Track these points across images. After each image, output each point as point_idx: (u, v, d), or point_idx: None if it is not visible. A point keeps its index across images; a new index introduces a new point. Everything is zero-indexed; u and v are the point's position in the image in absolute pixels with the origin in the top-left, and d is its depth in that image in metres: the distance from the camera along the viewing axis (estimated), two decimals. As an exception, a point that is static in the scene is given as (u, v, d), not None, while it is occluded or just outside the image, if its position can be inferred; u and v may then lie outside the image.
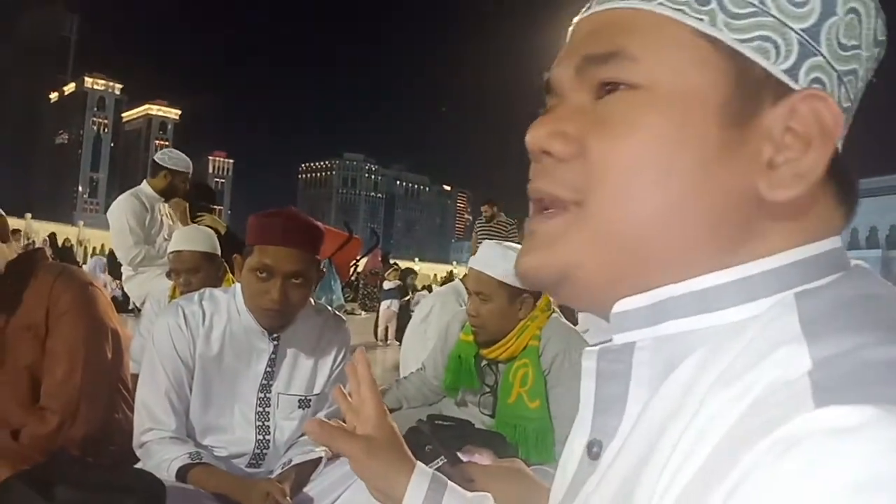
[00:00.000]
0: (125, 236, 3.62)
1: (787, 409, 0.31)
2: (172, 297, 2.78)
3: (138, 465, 1.66)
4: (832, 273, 0.42)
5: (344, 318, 1.99)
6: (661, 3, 0.43)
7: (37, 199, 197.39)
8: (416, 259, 63.87)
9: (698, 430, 0.36)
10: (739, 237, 0.43)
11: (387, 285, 11.04)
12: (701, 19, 0.42)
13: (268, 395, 1.77)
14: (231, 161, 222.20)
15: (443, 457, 1.62)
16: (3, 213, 1.74)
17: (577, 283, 0.46)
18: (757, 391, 0.34)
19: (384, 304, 10.55)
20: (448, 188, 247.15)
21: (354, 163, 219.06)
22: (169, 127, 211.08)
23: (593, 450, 0.46)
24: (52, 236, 19.21)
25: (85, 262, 15.66)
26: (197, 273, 2.67)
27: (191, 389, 1.72)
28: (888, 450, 0.27)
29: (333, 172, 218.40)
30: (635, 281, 0.44)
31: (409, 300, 10.62)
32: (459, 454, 1.29)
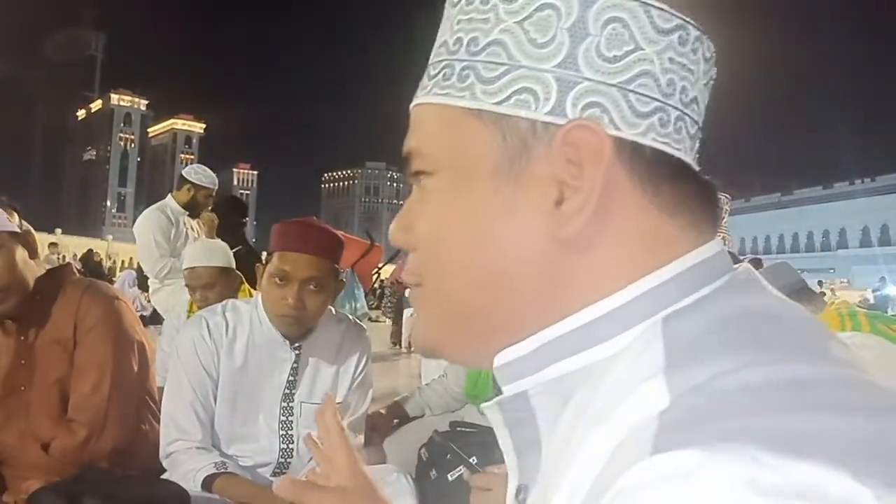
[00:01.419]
0: (151, 250, 3.68)
1: (629, 458, 0.31)
2: (190, 311, 2.81)
3: (165, 476, 1.69)
4: (704, 286, 0.41)
5: (366, 326, 2.01)
6: (435, 94, 0.46)
7: (66, 214, 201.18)
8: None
9: (574, 478, 0.36)
10: (568, 281, 0.43)
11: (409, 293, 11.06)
12: (463, 96, 0.44)
13: (291, 404, 1.79)
14: (255, 173, 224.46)
15: (462, 465, 1.62)
16: (32, 230, 1.78)
17: (448, 350, 0.50)
18: (622, 433, 0.34)
19: (407, 312, 10.56)
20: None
21: (376, 171, 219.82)
22: (194, 141, 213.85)
23: (520, 496, 0.46)
24: (90, 252, 19.55)
25: (113, 276, 15.90)
26: (213, 288, 2.68)
27: (215, 400, 1.75)
28: (707, 500, 0.27)
29: (356, 181, 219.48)
30: (501, 338, 0.45)
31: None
32: (495, 468, 1.27)
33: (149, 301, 4.90)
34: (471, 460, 1.64)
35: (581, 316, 0.42)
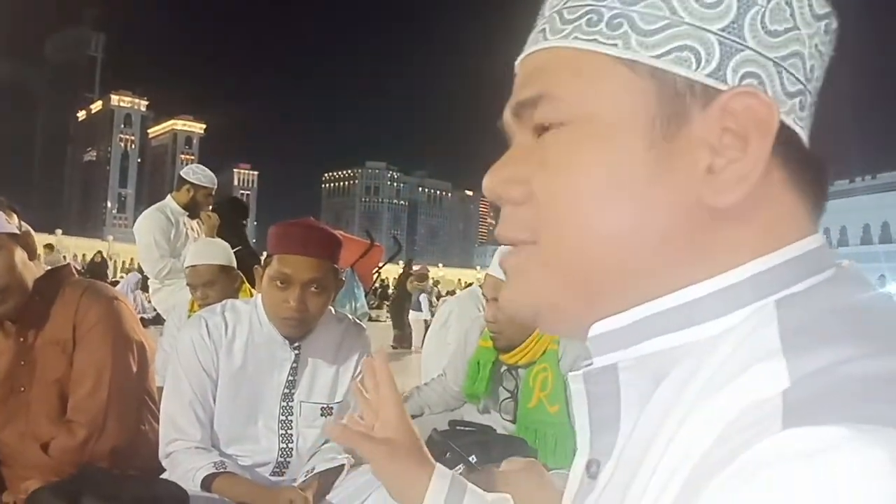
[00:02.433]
0: (151, 250, 3.69)
1: (755, 432, 0.30)
2: (191, 311, 2.82)
3: (164, 476, 1.69)
4: (814, 275, 0.41)
5: (366, 325, 2.02)
6: (576, 38, 0.44)
7: (66, 215, 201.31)
8: (440, 265, 63.92)
9: (677, 454, 0.36)
10: (702, 249, 0.42)
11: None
12: (615, 44, 0.42)
13: (290, 403, 1.79)
14: (255, 173, 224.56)
15: (462, 464, 1.62)
16: (32, 231, 1.79)
17: (549, 315, 0.47)
18: (733, 411, 0.33)
19: (413, 315, 10.60)
20: (470, 193, 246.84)
21: (377, 171, 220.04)
22: (194, 141, 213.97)
23: (591, 469, 0.46)
24: (99, 255, 19.60)
25: (113, 276, 15.91)
26: (214, 286, 2.69)
27: (214, 400, 1.75)
28: (853, 475, 0.27)
29: (356, 181, 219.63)
30: (603, 306, 0.44)
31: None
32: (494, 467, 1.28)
33: (149, 302, 4.92)
34: (470, 459, 1.64)
35: (689, 292, 0.42)
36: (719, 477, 0.30)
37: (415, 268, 12.61)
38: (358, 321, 1.98)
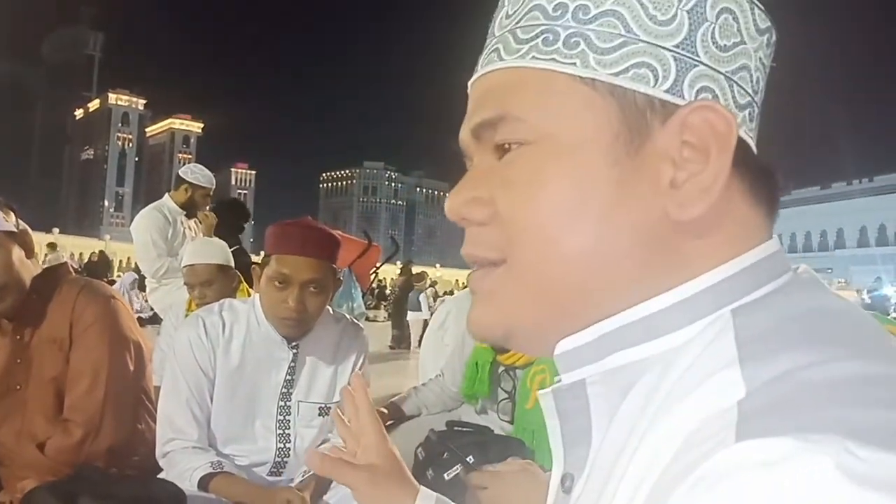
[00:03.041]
0: (148, 249, 3.67)
1: (711, 445, 0.31)
2: (188, 310, 2.82)
3: (161, 475, 1.69)
4: (770, 282, 0.42)
5: (363, 325, 2.01)
6: (533, 57, 0.44)
7: (64, 214, 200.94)
8: (438, 265, 63.95)
9: (641, 466, 0.36)
10: (667, 262, 0.42)
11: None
12: (573, 63, 0.43)
13: (288, 403, 1.79)
14: (253, 172, 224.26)
15: (459, 464, 1.62)
16: (29, 229, 1.78)
17: (520, 335, 0.47)
18: (693, 423, 0.34)
19: (412, 315, 10.60)
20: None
21: (374, 171, 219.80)
22: (192, 140, 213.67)
23: (566, 483, 0.46)
24: (100, 254, 19.57)
25: (108, 276, 15.88)
26: (211, 285, 2.69)
27: (212, 399, 1.75)
28: (800, 486, 0.27)
29: (354, 181, 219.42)
30: (572, 322, 0.45)
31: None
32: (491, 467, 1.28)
33: (146, 301, 4.91)
34: (467, 459, 1.64)
35: (649, 305, 0.42)
36: (678, 491, 0.30)
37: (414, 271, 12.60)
38: (356, 321, 1.98)
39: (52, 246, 16.98)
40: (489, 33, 0.49)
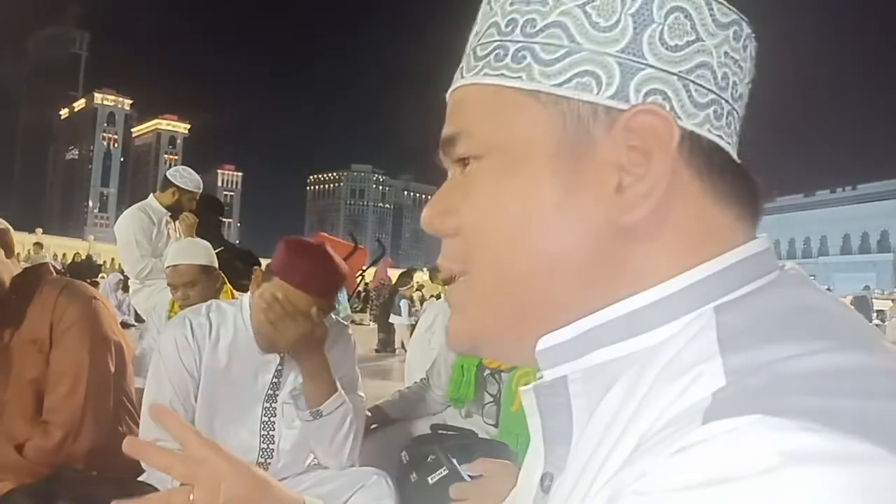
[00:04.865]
0: (132, 250, 3.64)
1: (681, 427, 0.32)
2: (171, 311, 2.79)
3: (142, 477, 1.67)
4: (755, 280, 0.42)
5: (348, 325, 2.01)
6: (485, 74, 0.45)
7: (48, 214, 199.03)
8: (425, 269, 63.94)
9: (619, 462, 0.36)
10: (615, 268, 0.43)
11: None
12: (519, 77, 0.44)
13: (273, 405, 1.78)
14: (240, 174, 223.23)
15: (444, 468, 1.62)
16: (11, 228, 1.76)
17: (485, 345, 0.49)
18: (670, 413, 0.35)
19: (397, 319, 10.57)
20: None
21: (362, 174, 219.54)
22: (178, 141, 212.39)
23: (545, 483, 0.46)
24: (89, 258, 19.42)
25: (91, 276, 15.73)
26: (194, 286, 2.68)
27: (196, 399, 1.73)
28: (757, 454, 0.29)
29: (341, 184, 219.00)
30: (534, 330, 0.45)
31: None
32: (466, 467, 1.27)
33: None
34: (452, 463, 1.64)
35: (630, 302, 0.42)
36: (644, 464, 0.32)
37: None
38: (342, 321, 1.97)
39: (38, 245, 16.83)
40: (464, 52, 0.50)
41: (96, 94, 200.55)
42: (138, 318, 6.14)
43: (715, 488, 0.29)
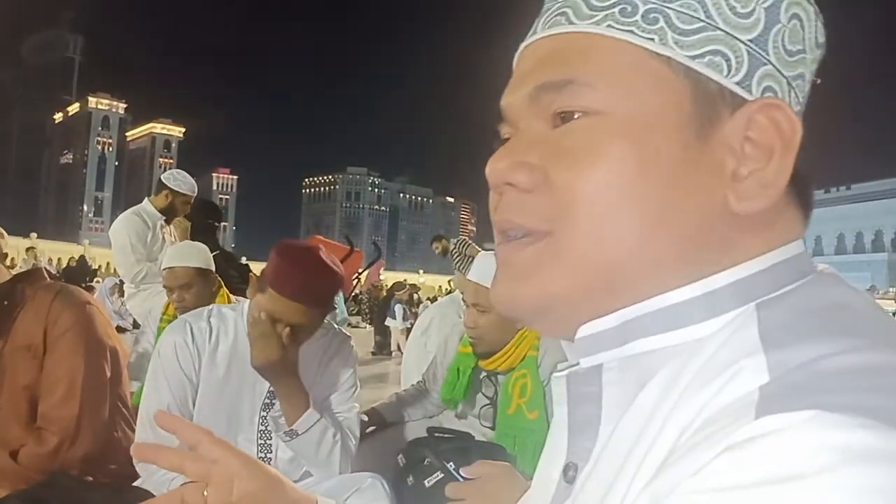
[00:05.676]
0: (127, 254, 3.63)
1: (731, 421, 0.32)
2: (165, 313, 2.79)
3: (137, 483, 1.66)
4: (795, 280, 0.42)
5: (348, 332, 1.99)
6: (609, 26, 0.43)
7: (42, 218, 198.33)
8: (421, 271, 63.95)
9: (661, 455, 0.36)
10: (711, 251, 0.42)
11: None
12: (651, 39, 0.42)
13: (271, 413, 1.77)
14: (235, 178, 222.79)
15: (440, 471, 1.62)
16: (4, 233, 1.75)
17: (556, 312, 0.45)
18: (714, 408, 0.35)
19: (393, 323, 10.55)
20: (451, 200, 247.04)
21: (358, 176, 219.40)
22: (173, 145, 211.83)
23: (569, 473, 0.45)
24: (83, 259, 19.32)
25: (90, 281, 15.68)
26: (190, 289, 2.67)
27: (194, 404, 1.72)
28: (815, 451, 0.29)
29: (337, 186, 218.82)
30: (607, 302, 0.44)
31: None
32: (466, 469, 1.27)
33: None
34: (448, 466, 1.63)
35: (677, 294, 0.42)
36: (694, 459, 0.32)
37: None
38: (343, 332, 1.96)
39: (31, 251, 16.75)
40: None
41: (90, 98, 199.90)
42: (136, 325, 6.12)
43: (772, 487, 0.28)
